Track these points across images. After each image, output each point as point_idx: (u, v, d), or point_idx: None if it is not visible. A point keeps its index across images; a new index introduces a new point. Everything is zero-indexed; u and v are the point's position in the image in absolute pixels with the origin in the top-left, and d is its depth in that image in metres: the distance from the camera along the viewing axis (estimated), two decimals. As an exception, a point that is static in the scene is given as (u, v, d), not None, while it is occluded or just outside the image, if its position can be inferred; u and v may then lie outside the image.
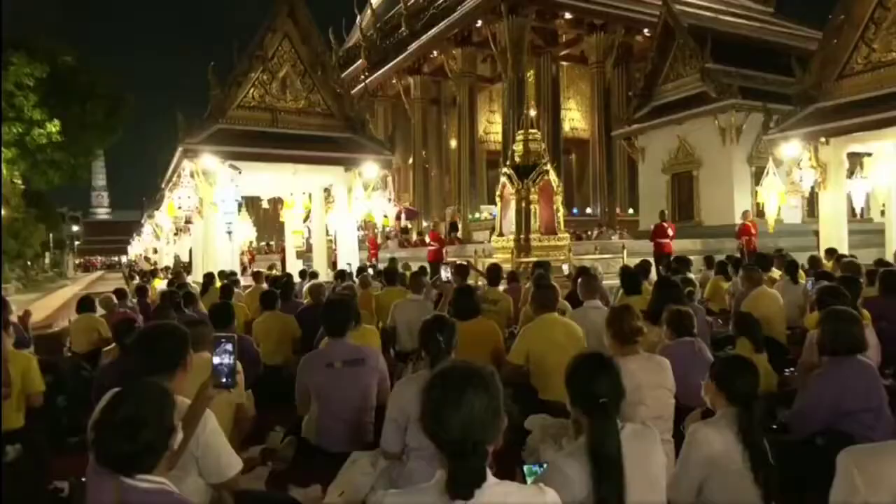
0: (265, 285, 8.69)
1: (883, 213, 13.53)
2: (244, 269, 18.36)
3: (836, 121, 11.76)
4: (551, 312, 4.07)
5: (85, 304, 6.62)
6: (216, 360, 2.19)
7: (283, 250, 19.82)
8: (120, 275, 37.12)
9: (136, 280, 17.85)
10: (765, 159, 14.30)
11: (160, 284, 12.16)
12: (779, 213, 13.60)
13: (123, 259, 67.49)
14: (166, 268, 21.34)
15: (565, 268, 8.38)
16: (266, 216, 31.26)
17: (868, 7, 11.56)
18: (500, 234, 11.47)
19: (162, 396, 1.72)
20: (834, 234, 12.16)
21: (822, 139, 12.25)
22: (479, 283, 8.31)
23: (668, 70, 18.50)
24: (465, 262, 8.63)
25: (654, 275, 8.87)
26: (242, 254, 20.67)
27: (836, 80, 12.13)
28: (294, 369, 3.67)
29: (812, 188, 12.74)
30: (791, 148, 12.43)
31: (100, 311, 7.12)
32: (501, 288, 6.97)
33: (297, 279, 10.02)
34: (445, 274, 6.38)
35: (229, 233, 12.61)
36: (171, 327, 2.42)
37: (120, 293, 7.86)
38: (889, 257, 9.80)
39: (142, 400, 1.66)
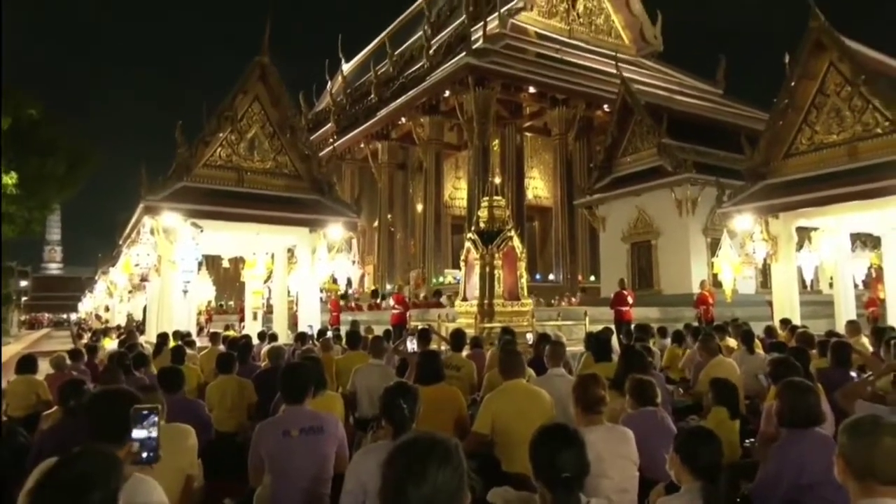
0: (222, 347, 8.44)
1: (831, 285, 14.06)
2: (201, 330, 17.83)
3: (783, 197, 12.34)
4: (519, 379, 4.03)
5: (24, 364, 6.24)
6: (138, 433, 2.06)
7: (241, 310, 19.39)
8: (68, 333, 35.53)
9: (85, 339, 17.11)
10: (719, 231, 14.83)
11: (110, 344, 11.69)
12: (734, 283, 14.01)
13: (73, 316, 64.79)
14: (118, 326, 20.57)
15: (529, 336, 8.38)
16: (226, 275, 30.71)
17: (809, 93, 12.39)
18: (465, 299, 11.48)
19: (111, 461, 1.63)
20: (787, 304, 12.52)
21: (772, 214, 12.82)
22: (442, 347, 8.23)
23: (627, 144, 19.34)
24: (428, 327, 8.57)
25: (615, 342, 8.95)
26: (200, 313, 20.13)
27: (782, 158, 12.81)
28: (248, 436, 3.52)
29: (764, 260, 13.19)
30: (743, 221, 12.94)
31: (48, 370, 6.77)
32: (465, 353, 6.91)
33: (255, 341, 9.76)
34: (411, 345, 6.29)
35: (185, 291, 12.31)
36: (125, 394, 2.31)
37: (74, 354, 7.51)
38: (839, 328, 10.12)
39: (91, 461, 1.57)
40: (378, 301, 23.13)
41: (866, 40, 12.83)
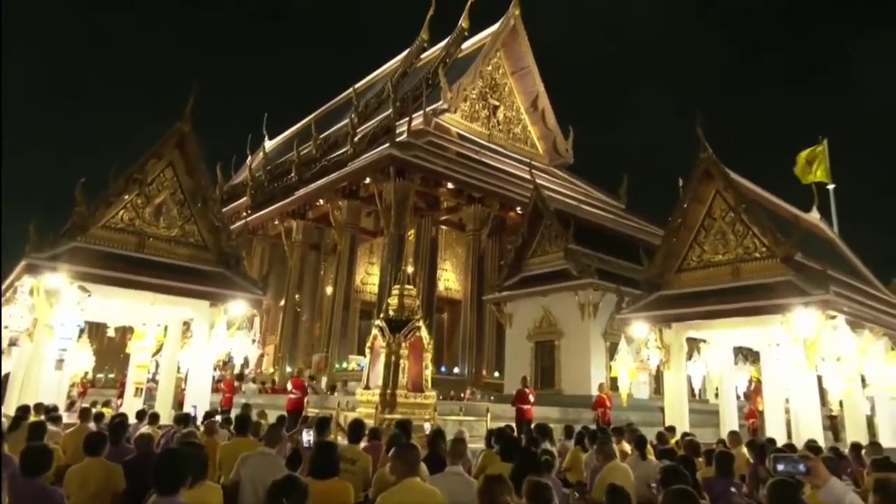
0: (93, 425, 7.64)
1: (717, 395, 14.84)
2: (72, 404, 16.15)
3: (674, 308, 13.15)
4: (414, 477, 3.88)
5: None
6: None
7: (122, 385, 17.80)
8: None
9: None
10: (618, 336, 15.46)
11: (-42, 415, 10.27)
12: (630, 387, 14.48)
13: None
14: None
15: (426, 426, 8.18)
16: (110, 345, 28.35)
17: (699, 215, 13.58)
18: (367, 388, 11.15)
19: None
20: (677, 411, 13.03)
21: (665, 323, 13.57)
22: (339, 438, 7.87)
23: (536, 246, 20.23)
24: (327, 416, 8.20)
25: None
26: (73, 385, 18.28)
27: (675, 272, 13.76)
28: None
29: (658, 367, 13.80)
30: (639, 328, 13.59)
31: None
32: (362, 446, 6.61)
33: (132, 420, 8.91)
34: (307, 437, 5.92)
35: (61, 360, 11.22)
36: None
37: None
38: (725, 437, 10.56)
39: None
40: (239, 384, 21.61)
41: (745, 174, 14.42)
